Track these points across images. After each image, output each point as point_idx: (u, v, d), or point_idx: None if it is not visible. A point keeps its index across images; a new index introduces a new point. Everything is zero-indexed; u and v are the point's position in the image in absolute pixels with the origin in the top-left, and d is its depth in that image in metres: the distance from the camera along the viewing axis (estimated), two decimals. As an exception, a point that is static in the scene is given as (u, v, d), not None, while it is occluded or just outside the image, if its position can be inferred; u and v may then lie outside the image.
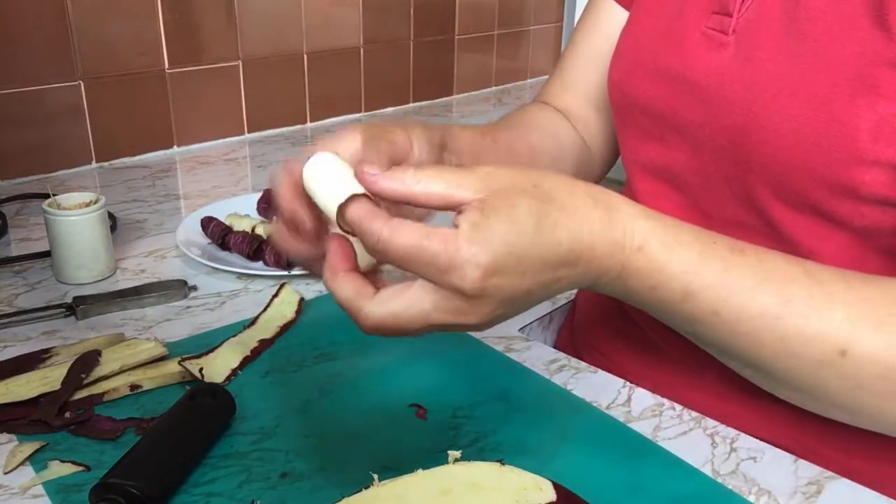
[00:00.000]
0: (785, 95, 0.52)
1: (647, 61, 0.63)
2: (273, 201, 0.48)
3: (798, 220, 0.54)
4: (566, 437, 0.56)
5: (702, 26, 0.59)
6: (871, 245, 0.54)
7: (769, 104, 0.53)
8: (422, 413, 0.58)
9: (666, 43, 0.61)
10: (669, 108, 0.61)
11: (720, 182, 0.58)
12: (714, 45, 0.58)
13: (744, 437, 0.57)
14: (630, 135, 0.67)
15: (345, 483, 0.50)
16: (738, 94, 0.55)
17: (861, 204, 0.51)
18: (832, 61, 0.51)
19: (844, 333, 0.45)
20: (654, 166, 0.64)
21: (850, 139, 0.49)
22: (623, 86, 0.66)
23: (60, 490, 0.50)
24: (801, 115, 0.51)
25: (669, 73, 0.60)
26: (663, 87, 0.61)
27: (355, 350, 0.66)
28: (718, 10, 0.58)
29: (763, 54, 0.54)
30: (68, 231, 0.77)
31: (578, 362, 0.66)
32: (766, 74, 0.54)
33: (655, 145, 0.63)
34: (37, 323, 0.71)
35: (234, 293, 0.78)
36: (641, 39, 0.64)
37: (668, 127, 0.61)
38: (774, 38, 0.54)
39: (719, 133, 0.57)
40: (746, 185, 0.56)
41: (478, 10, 1.73)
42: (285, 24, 1.36)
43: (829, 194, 0.52)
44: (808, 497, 0.51)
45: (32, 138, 1.11)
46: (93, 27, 1.12)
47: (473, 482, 0.47)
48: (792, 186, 0.53)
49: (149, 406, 0.59)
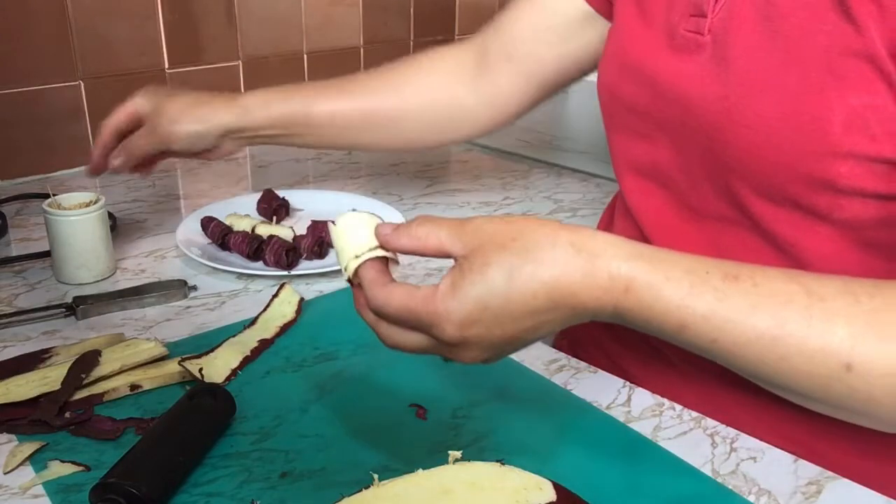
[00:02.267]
0: (757, 91, 0.53)
1: (632, 64, 0.64)
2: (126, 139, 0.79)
3: (779, 215, 0.55)
4: (566, 437, 0.56)
5: (681, 29, 0.60)
6: (854, 237, 0.54)
7: (742, 101, 0.54)
8: (422, 413, 0.58)
9: (649, 47, 0.63)
10: (653, 107, 0.62)
11: (703, 179, 0.59)
12: (692, 46, 0.58)
13: (744, 437, 0.57)
14: (618, 134, 0.68)
15: (345, 483, 0.50)
16: (714, 94, 0.56)
17: (839, 196, 0.52)
18: (803, 56, 0.51)
19: (846, 348, 0.45)
20: (641, 164, 0.66)
21: (823, 132, 0.50)
22: (612, 88, 0.67)
23: (60, 490, 0.50)
24: (773, 111, 0.52)
25: (651, 76, 0.62)
26: (646, 88, 0.62)
27: (355, 350, 0.67)
28: (694, 13, 0.59)
29: (737, 52, 0.55)
30: (68, 231, 0.77)
31: (578, 362, 0.66)
32: (740, 72, 0.54)
33: (642, 144, 0.65)
34: (37, 323, 0.71)
35: (234, 293, 0.78)
36: (627, 43, 0.66)
37: (653, 126, 0.63)
38: (747, 36, 0.55)
39: (698, 132, 0.58)
40: (727, 182, 0.57)
41: (478, 10, 1.73)
42: (285, 24, 1.36)
43: (807, 188, 0.52)
44: (808, 497, 0.51)
45: (32, 138, 1.11)
46: (93, 27, 1.12)
47: (473, 482, 0.47)
48: (770, 181, 0.54)
49: (149, 406, 0.59)
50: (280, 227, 0.88)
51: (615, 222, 0.74)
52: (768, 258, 0.57)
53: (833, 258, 0.54)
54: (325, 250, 0.86)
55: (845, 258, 0.54)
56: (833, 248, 0.54)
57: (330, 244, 0.86)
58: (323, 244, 0.85)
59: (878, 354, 0.45)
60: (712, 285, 0.47)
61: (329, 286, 0.79)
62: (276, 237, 0.83)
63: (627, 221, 0.69)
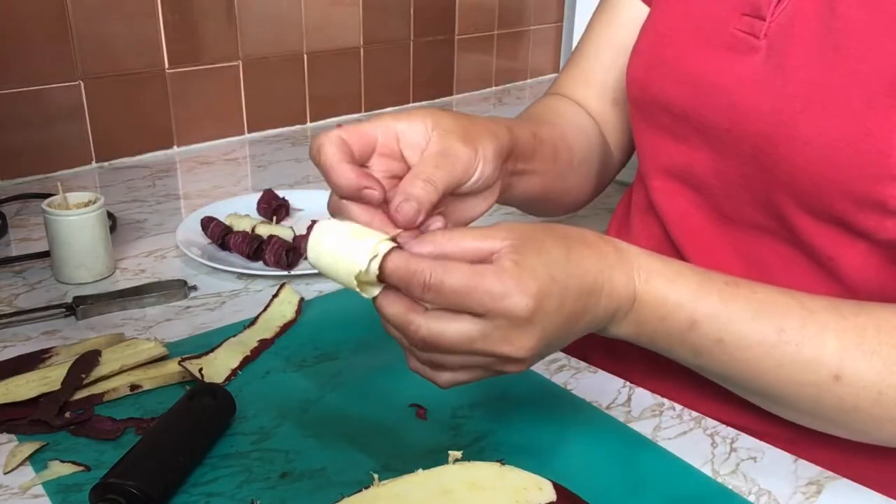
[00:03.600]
0: (817, 107, 0.51)
1: (670, 59, 0.61)
2: (331, 182, 0.47)
3: (820, 229, 0.54)
4: (566, 437, 0.56)
5: (730, 27, 0.57)
6: (891, 255, 0.53)
7: (799, 115, 0.52)
8: (422, 413, 0.58)
9: (690, 41, 0.60)
10: (692, 109, 0.59)
11: (741, 186, 0.58)
12: (744, 48, 0.56)
13: (744, 437, 0.57)
14: (648, 132, 0.66)
15: (345, 483, 0.50)
16: (766, 103, 0.54)
17: (886, 217, 0.50)
18: (869, 74, 0.49)
19: (836, 360, 0.47)
20: (672, 165, 0.63)
21: (884, 154, 0.49)
22: (643, 83, 0.64)
23: (60, 490, 0.50)
24: (833, 129, 0.50)
25: (694, 74, 0.59)
26: (686, 87, 0.60)
27: (355, 350, 0.66)
28: (749, 13, 0.56)
29: (795, 62, 0.53)
30: (68, 231, 0.77)
31: (578, 362, 0.66)
32: (798, 83, 0.52)
33: (676, 144, 0.62)
34: (37, 323, 0.71)
35: (234, 293, 0.78)
36: (664, 36, 0.63)
37: (690, 127, 0.60)
38: (807, 46, 0.52)
39: (744, 139, 0.56)
40: (769, 192, 0.56)
41: (478, 10, 1.73)
42: (285, 24, 1.36)
43: (855, 207, 0.51)
44: (808, 497, 0.51)
45: (32, 138, 1.11)
46: (93, 27, 1.12)
47: (473, 482, 0.47)
48: (817, 197, 0.52)
49: (149, 406, 0.59)
50: (280, 227, 0.88)
51: (633, 220, 0.72)
52: (801, 269, 0.57)
53: (871, 275, 0.54)
54: (325, 250, 0.86)
55: (881, 274, 0.53)
56: (871, 265, 0.54)
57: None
58: (323, 244, 0.85)
59: (865, 367, 0.47)
60: (717, 288, 0.49)
61: (329, 286, 0.79)
62: (276, 237, 0.83)
63: (649, 220, 0.68)
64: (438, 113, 0.50)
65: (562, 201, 0.70)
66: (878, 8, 0.50)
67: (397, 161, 0.50)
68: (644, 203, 0.69)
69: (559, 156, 0.64)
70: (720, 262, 0.61)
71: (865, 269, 0.54)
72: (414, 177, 0.47)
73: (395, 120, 0.50)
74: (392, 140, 0.50)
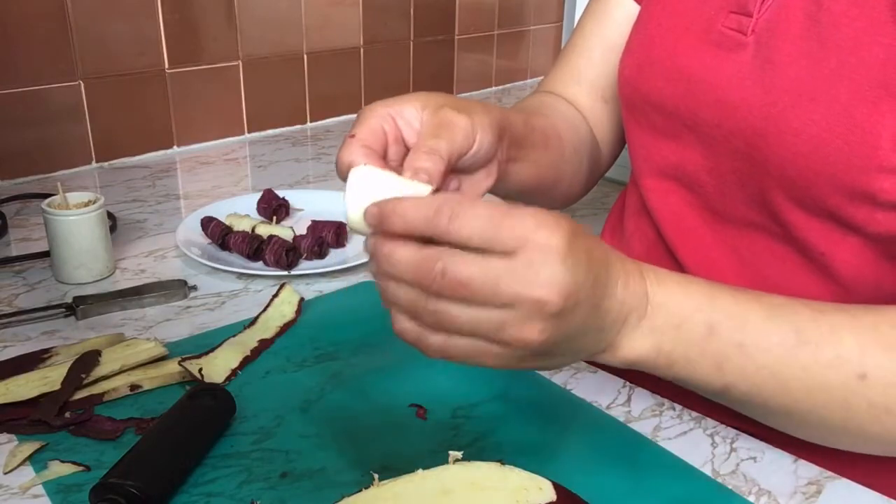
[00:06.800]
0: (805, 100, 0.52)
1: (661, 58, 0.62)
2: None
3: (812, 224, 0.54)
4: (566, 437, 0.56)
5: (718, 25, 0.58)
6: (882, 250, 0.53)
7: (789, 109, 0.52)
8: (422, 413, 0.58)
9: (680, 39, 0.61)
10: (684, 106, 0.60)
11: (734, 182, 0.58)
12: (732, 45, 0.57)
13: (744, 437, 0.57)
14: (640, 131, 0.66)
15: (345, 483, 0.50)
16: (756, 98, 0.54)
17: (877, 210, 0.51)
18: (856, 67, 0.50)
19: (857, 357, 0.46)
20: (665, 164, 0.64)
21: (872, 146, 0.49)
22: (635, 81, 0.64)
23: (60, 490, 0.50)
24: (821, 121, 0.51)
25: (684, 72, 0.60)
26: (678, 85, 0.60)
27: (355, 350, 0.66)
28: (737, 10, 0.57)
29: (783, 57, 0.53)
30: (67, 231, 0.77)
31: (578, 362, 0.66)
32: (786, 78, 0.53)
33: (667, 143, 0.63)
34: (37, 323, 0.71)
35: (234, 293, 0.78)
36: (655, 35, 0.63)
37: (681, 125, 0.61)
38: (795, 41, 0.53)
39: (735, 135, 0.56)
40: (761, 187, 0.56)
41: (478, 10, 1.72)
42: (285, 24, 1.36)
43: (846, 200, 0.51)
44: (808, 497, 0.51)
45: (32, 138, 1.11)
46: (93, 27, 1.12)
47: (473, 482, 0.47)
48: (808, 191, 0.53)
49: (149, 406, 0.59)
50: (280, 227, 0.88)
51: (626, 222, 0.72)
52: (794, 266, 0.57)
53: (863, 269, 0.54)
54: (325, 250, 0.86)
55: (874, 269, 0.54)
56: (863, 260, 0.54)
57: (330, 244, 0.86)
58: (323, 244, 0.85)
59: (888, 363, 0.45)
60: (727, 290, 0.48)
61: (329, 286, 0.79)
62: (276, 237, 0.83)
63: (642, 222, 0.68)
64: (426, 94, 0.50)
65: (554, 193, 0.69)
66: (863, 1, 0.50)
67: (402, 145, 0.50)
68: (637, 205, 0.69)
69: (550, 143, 0.64)
70: (714, 261, 0.61)
71: (858, 264, 0.54)
72: (417, 150, 0.45)
73: (386, 106, 0.49)
74: (393, 126, 0.49)
